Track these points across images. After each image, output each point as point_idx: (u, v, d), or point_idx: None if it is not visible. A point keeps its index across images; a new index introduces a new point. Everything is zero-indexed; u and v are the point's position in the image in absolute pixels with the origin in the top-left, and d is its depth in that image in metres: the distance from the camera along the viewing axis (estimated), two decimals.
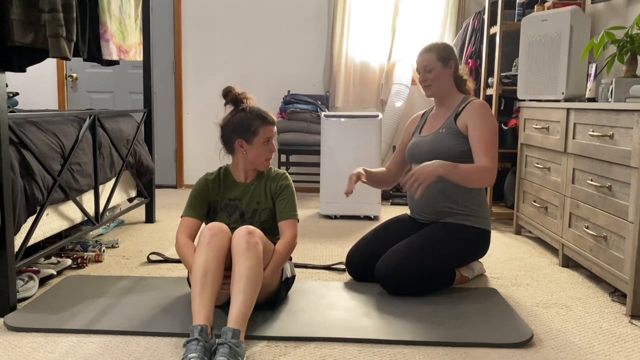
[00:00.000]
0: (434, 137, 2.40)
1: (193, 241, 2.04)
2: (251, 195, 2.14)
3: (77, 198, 2.59)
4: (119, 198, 3.23)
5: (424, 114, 2.64)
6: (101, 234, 3.19)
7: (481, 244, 2.38)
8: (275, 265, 2.00)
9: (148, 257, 2.74)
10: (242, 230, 1.89)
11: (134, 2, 3.34)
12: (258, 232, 1.91)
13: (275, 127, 2.15)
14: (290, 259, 2.20)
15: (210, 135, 5.02)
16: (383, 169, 2.64)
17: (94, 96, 5.10)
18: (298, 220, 2.12)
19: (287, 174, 2.20)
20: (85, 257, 2.61)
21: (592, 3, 3.32)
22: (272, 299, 2.08)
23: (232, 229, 1.97)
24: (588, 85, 2.87)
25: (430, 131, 2.46)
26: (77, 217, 2.64)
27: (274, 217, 2.14)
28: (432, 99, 2.51)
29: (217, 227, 1.91)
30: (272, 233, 2.13)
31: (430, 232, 2.31)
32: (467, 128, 2.33)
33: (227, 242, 1.90)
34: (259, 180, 2.16)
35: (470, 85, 2.53)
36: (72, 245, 2.79)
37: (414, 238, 2.29)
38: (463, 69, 2.50)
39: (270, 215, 2.14)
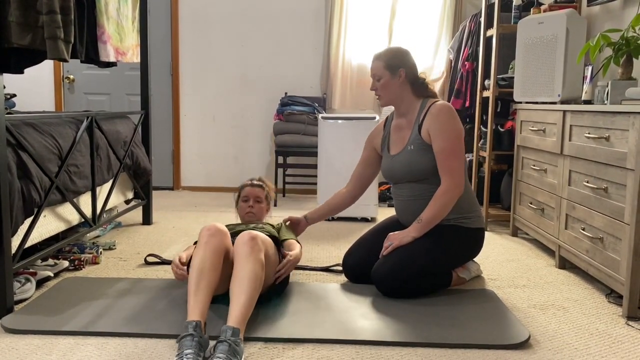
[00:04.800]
0: (405, 156, 2.34)
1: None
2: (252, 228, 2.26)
3: (74, 200, 2.59)
4: (116, 200, 3.22)
5: (385, 124, 2.53)
6: (98, 236, 3.19)
7: (476, 243, 2.39)
8: (287, 270, 2.13)
9: (145, 259, 2.74)
10: (245, 235, 1.93)
11: (131, 4, 3.34)
12: (261, 236, 1.94)
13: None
14: None
15: (207, 137, 5.02)
16: (339, 196, 2.62)
17: (91, 98, 5.10)
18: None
19: None
20: (82, 259, 2.61)
21: (587, 6, 3.34)
22: (270, 296, 2.13)
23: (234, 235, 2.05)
24: (584, 87, 2.88)
25: (399, 148, 2.39)
26: (74, 218, 2.63)
27: (274, 239, 2.21)
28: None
29: (215, 227, 1.96)
30: None
31: (426, 234, 2.31)
32: (430, 137, 2.28)
33: (225, 242, 1.93)
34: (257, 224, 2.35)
35: (433, 88, 2.42)
36: (69, 247, 2.78)
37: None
38: (423, 74, 2.40)
39: (270, 236, 2.17)
